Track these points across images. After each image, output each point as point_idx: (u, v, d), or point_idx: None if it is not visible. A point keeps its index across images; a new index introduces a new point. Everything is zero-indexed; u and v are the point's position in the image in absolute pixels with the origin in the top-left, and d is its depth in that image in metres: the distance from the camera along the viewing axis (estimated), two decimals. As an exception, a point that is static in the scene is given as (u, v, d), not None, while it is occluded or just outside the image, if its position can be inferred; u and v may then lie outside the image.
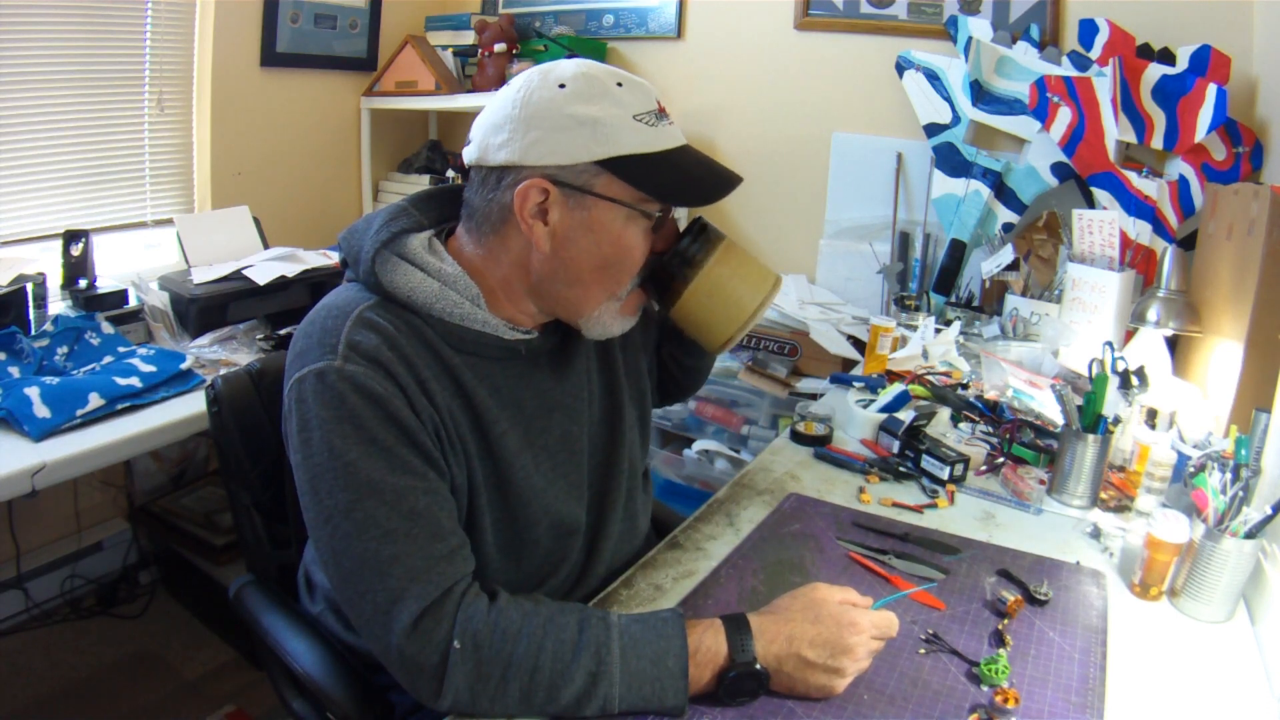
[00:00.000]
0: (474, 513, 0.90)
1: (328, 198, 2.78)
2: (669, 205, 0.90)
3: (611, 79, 0.85)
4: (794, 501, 1.21)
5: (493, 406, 0.90)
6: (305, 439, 0.81)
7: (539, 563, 0.97)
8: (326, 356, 0.81)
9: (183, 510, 2.22)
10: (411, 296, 0.86)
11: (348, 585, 0.80)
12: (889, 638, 0.85)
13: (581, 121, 0.82)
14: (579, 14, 2.74)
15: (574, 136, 0.82)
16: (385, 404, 0.80)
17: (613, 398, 1.06)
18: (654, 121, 0.85)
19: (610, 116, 0.82)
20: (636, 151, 0.83)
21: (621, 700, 0.77)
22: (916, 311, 2.05)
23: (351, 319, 0.84)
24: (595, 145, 0.82)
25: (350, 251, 0.91)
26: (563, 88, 0.83)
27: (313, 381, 0.81)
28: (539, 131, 0.83)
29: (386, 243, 0.88)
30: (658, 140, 0.85)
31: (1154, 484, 1.25)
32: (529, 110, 0.83)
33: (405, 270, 0.87)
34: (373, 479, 0.79)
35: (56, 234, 1.89)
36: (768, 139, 2.53)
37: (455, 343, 0.88)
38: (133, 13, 2.15)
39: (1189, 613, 1.00)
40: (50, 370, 1.56)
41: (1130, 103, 1.89)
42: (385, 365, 0.82)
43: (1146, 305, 1.54)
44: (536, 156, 0.83)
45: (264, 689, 1.89)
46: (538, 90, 0.84)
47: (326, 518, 0.80)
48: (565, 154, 0.83)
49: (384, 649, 0.78)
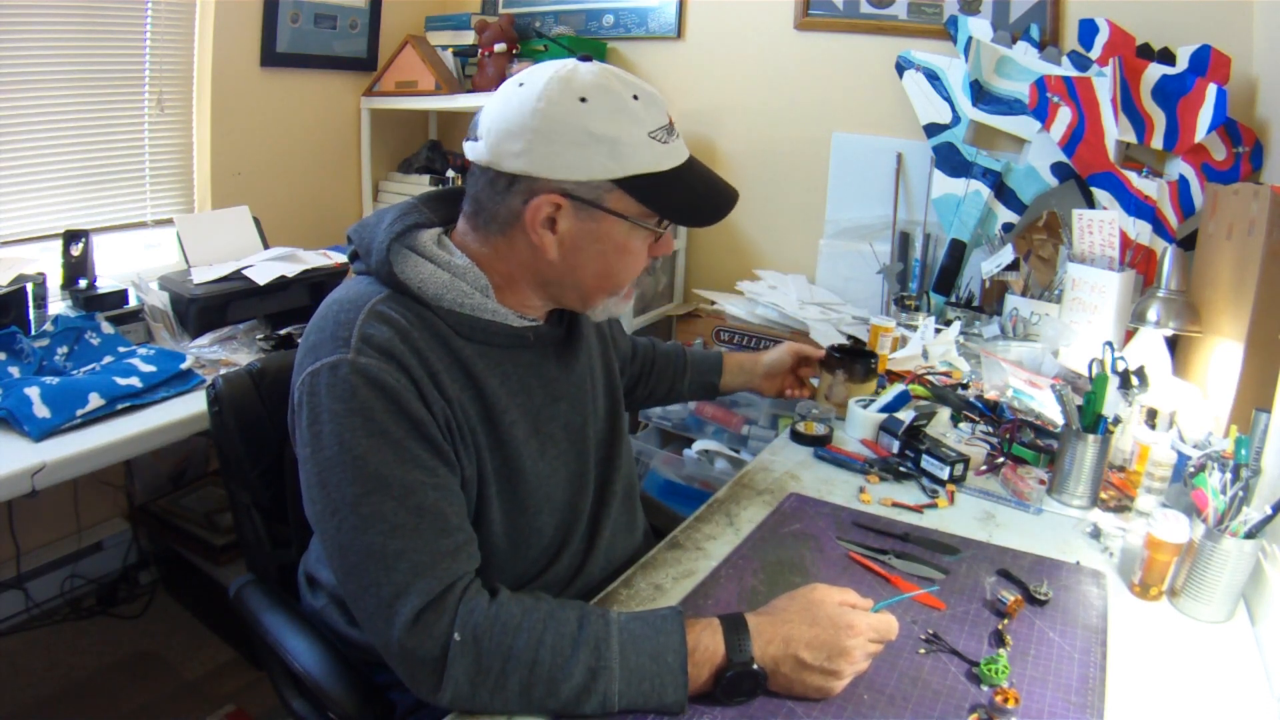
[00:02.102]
0: (483, 503, 0.90)
1: (328, 198, 2.78)
2: (685, 225, 0.96)
3: (628, 91, 0.85)
4: (794, 501, 1.21)
5: (502, 395, 0.91)
6: (315, 432, 0.82)
7: (541, 550, 0.98)
8: (340, 350, 0.82)
9: (183, 510, 2.22)
10: (423, 288, 0.88)
11: (352, 579, 0.80)
12: (888, 640, 0.85)
13: (600, 139, 0.83)
14: (579, 14, 2.74)
15: (592, 154, 0.83)
16: (397, 397, 0.81)
17: (614, 392, 1.10)
18: (665, 138, 0.86)
19: (628, 135, 0.84)
20: (649, 170, 0.85)
21: (621, 696, 0.77)
22: (916, 311, 2.05)
23: (365, 312, 0.85)
24: (612, 164, 0.84)
25: (362, 244, 0.92)
26: (584, 101, 0.83)
27: (326, 375, 0.82)
28: (558, 146, 0.83)
29: (400, 235, 0.89)
30: (669, 158, 0.87)
31: (1154, 484, 1.25)
32: (549, 124, 0.83)
33: (416, 262, 0.89)
34: (381, 473, 0.80)
35: (56, 234, 1.89)
36: (768, 139, 2.53)
37: (466, 332, 0.89)
38: (133, 13, 2.15)
39: (1189, 613, 1.00)
40: (50, 370, 1.56)
41: (1130, 103, 1.89)
42: (398, 358, 0.83)
43: (1146, 305, 1.54)
44: (552, 170, 0.84)
45: (264, 689, 1.89)
46: (559, 104, 0.83)
47: (334, 510, 0.81)
48: (583, 170, 0.84)
49: (385, 643, 0.79)
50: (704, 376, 1.47)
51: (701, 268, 2.75)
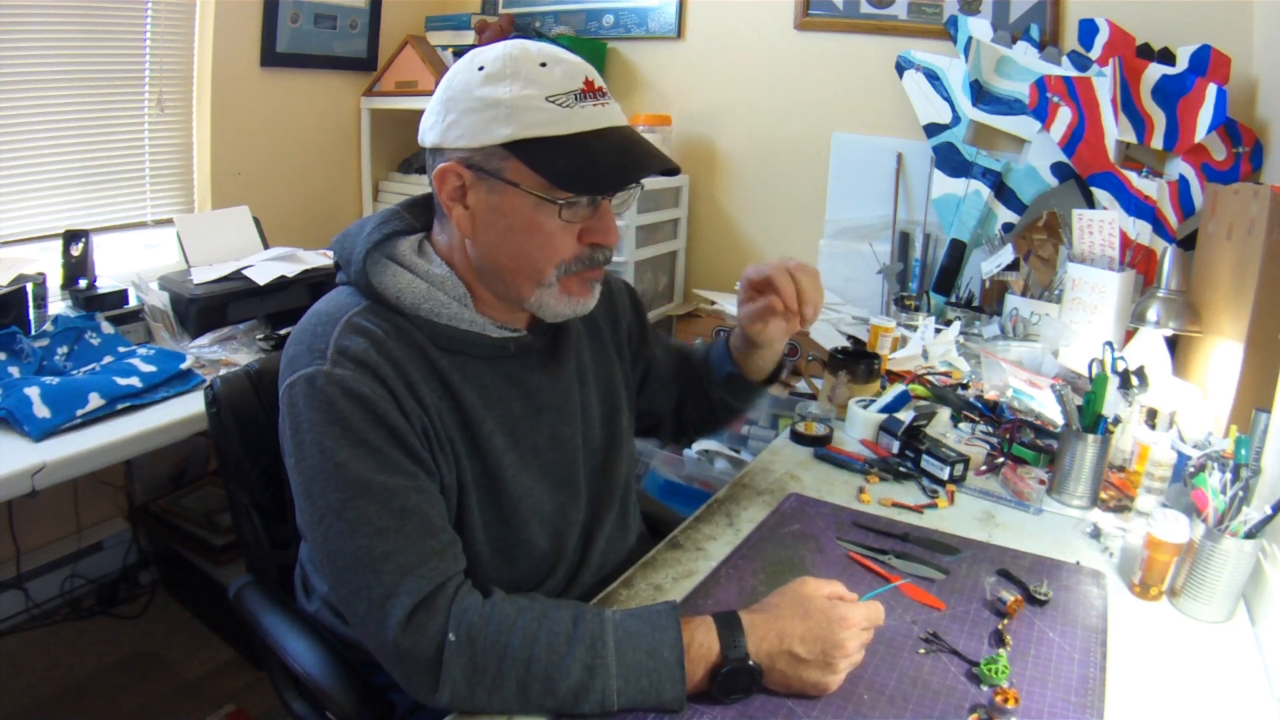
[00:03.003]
0: (464, 512, 0.90)
1: (328, 198, 2.78)
2: (574, 193, 0.84)
3: (536, 59, 0.83)
4: (794, 501, 1.21)
5: (479, 406, 0.90)
6: (298, 442, 0.83)
7: (535, 563, 0.97)
8: (316, 362, 0.83)
9: (183, 510, 2.22)
10: (400, 297, 0.88)
11: (342, 584, 0.81)
12: (877, 626, 0.85)
13: (489, 103, 0.81)
14: (579, 14, 2.74)
15: (480, 118, 0.82)
16: (373, 406, 0.82)
17: (611, 401, 1.07)
18: (571, 103, 0.81)
19: (517, 98, 0.81)
20: (543, 134, 0.81)
21: (619, 694, 0.77)
22: (916, 311, 2.05)
23: (340, 325, 0.85)
24: (499, 127, 0.81)
25: (343, 254, 0.92)
26: (480, 70, 0.83)
27: (303, 386, 0.83)
28: (455, 114, 0.83)
29: (378, 244, 0.89)
30: (570, 122, 0.81)
31: (1154, 484, 1.25)
32: (449, 93, 0.84)
33: (394, 271, 0.89)
34: (363, 478, 0.80)
35: (56, 234, 1.89)
36: (768, 139, 2.54)
37: (443, 343, 0.89)
38: (133, 13, 2.15)
39: (1189, 613, 1.00)
40: (50, 370, 1.56)
41: (1130, 103, 1.89)
42: (373, 368, 0.83)
43: (1146, 305, 1.54)
44: (452, 139, 0.84)
45: (264, 689, 1.89)
46: (460, 73, 0.85)
47: (320, 518, 0.81)
48: (473, 136, 0.82)
49: (380, 644, 0.79)
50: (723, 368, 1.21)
51: (701, 268, 2.75)
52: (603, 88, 0.85)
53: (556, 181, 0.82)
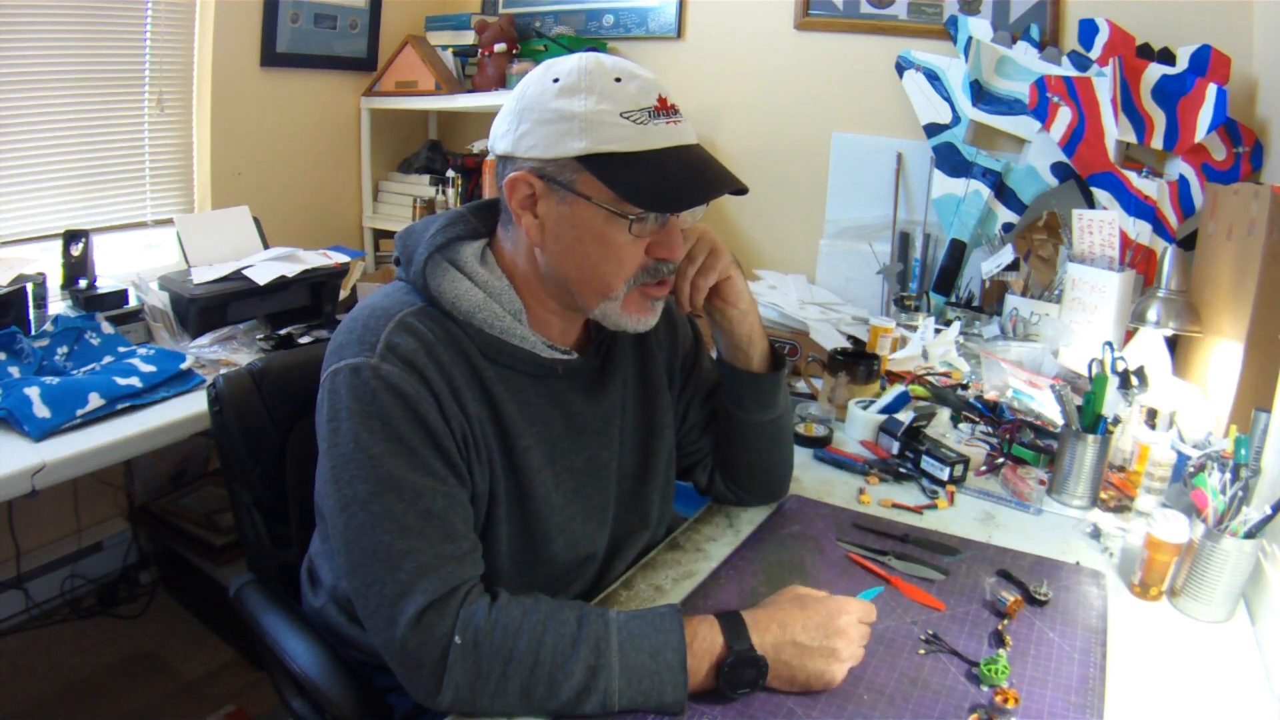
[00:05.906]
0: (491, 522, 0.91)
1: (328, 198, 2.78)
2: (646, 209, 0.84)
3: (611, 74, 0.84)
4: (794, 503, 1.21)
5: (519, 420, 0.91)
6: (334, 428, 0.83)
7: (551, 579, 0.97)
8: (364, 354, 0.83)
9: (183, 510, 2.22)
10: (455, 304, 0.88)
11: (357, 575, 0.81)
12: (871, 621, 0.87)
13: (564, 116, 0.82)
14: (579, 14, 2.74)
15: (554, 130, 0.82)
16: (415, 405, 0.82)
17: (650, 427, 1.06)
18: (645, 119, 0.82)
19: (591, 113, 0.81)
20: (617, 150, 0.82)
21: (621, 694, 0.77)
22: (916, 312, 2.05)
23: (393, 322, 0.86)
24: (572, 140, 0.82)
25: (405, 252, 0.92)
26: (556, 81, 0.84)
27: (347, 375, 0.83)
28: (528, 124, 0.84)
29: (441, 247, 0.90)
30: (644, 139, 0.82)
31: (1154, 484, 1.25)
32: (524, 103, 0.85)
33: (454, 278, 0.89)
34: (394, 474, 0.80)
35: (56, 234, 1.89)
36: (768, 139, 2.53)
37: (491, 354, 0.90)
38: (133, 13, 2.15)
39: (1189, 613, 1.00)
40: (50, 370, 1.56)
41: (1130, 103, 1.89)
42: (420, 370, 0.83)
43: (1146, 305, 1.54)
44: (525, 148, 0.84)
45: (264, 689, 1.89)
46: (534, 83, 0.85)
47: (344, 506, 0.81)
48: (546, 147, 0.83)
49: (387, 641, 0.79)
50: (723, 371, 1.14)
51: (701, 268, 2.74)
52: (675, 105, 0.86)
53: (630, 198, 0.83)
